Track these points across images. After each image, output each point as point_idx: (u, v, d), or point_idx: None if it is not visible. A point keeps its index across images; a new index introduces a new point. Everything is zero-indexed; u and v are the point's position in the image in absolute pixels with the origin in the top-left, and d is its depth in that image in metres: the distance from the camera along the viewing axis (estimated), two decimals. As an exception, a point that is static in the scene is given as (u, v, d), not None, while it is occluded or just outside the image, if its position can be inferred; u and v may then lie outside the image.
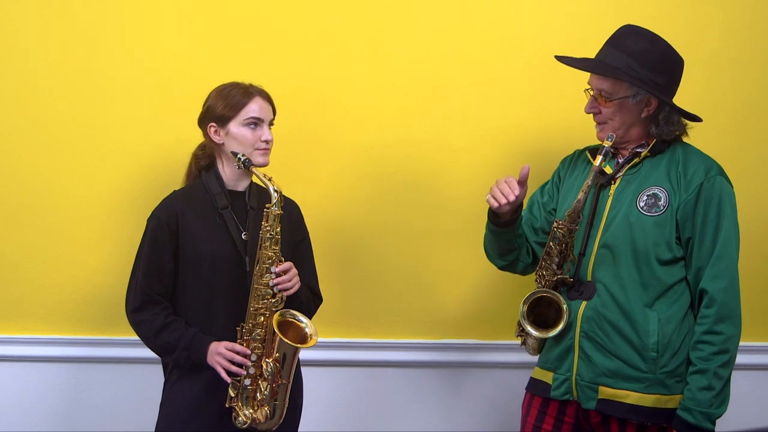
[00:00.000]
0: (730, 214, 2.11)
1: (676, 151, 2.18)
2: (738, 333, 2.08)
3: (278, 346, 2.20)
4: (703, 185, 2.10)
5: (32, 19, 2.69)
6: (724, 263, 2.08)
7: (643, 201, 2.13)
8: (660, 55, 2.14)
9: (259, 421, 2.20)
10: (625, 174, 2.19)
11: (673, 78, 2.18)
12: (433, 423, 2.84)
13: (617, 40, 2.18)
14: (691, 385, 2.05)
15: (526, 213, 2.39)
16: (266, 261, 2.20)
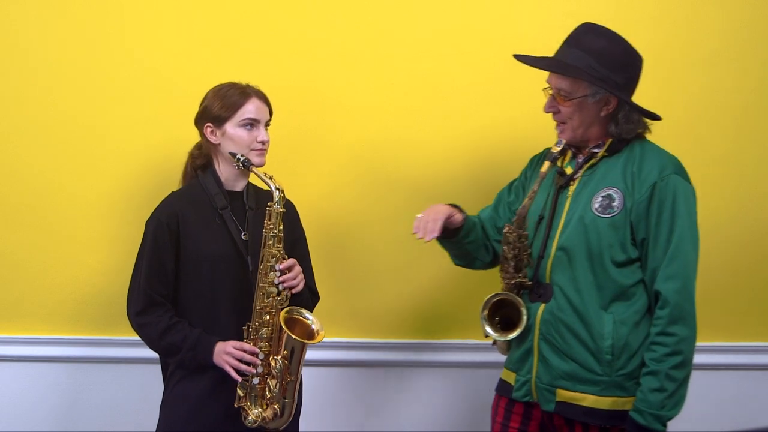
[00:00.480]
0: (686, 213, 2.05)
1: (634, 150, 2.14)
2: (693, 335, 2.03)
3: (286, 343, 2.20)
4: (656, 185, 2.05)
5: (32, 19, 2.70)
6: (677, 264, 2.03)
7: (597, 202, 2.10)
8: (620, 53, 2.11)
9: (269, 419, 2.20)
10: (583, 175, 2.16)
11: (633, 76, 2.15)
12: (433, 423, 2.84)
13: (576, 39, 2.15)
14: (643, 386, 2.03)
15: (491, 211, 2.39)
16: (270, 259, 2.20)
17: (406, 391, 2.84)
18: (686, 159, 2.75)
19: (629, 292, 2.09)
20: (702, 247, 2.76)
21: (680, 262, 2.03)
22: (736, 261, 2.81)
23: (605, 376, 2.07)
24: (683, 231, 2.04)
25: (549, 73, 2.17)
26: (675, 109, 2.76)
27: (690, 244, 2.05)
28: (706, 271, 2.77)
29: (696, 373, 2.81)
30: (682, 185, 2.07)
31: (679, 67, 2.76)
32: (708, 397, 2.83)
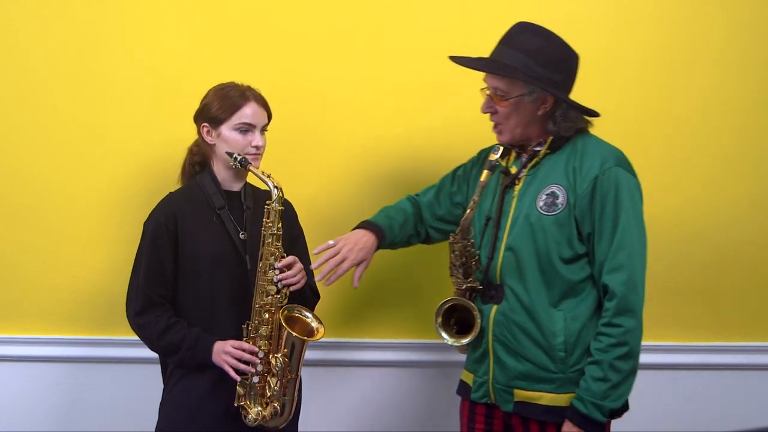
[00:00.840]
0: (630, 205, 2.04)
1: (576, 145, 2.13)
2: (639, 326, 2.03)
3: (286, 341, 2.20)
4: (598, 178, 2.05)
5: (32, 19, 2.70)
6: (622, 255, 2.02)
7: (542, 201, 2.10)
8: (556, 52, 2.11)
9: (269, 418, 2.21)
10: (527, 174, 2.16)
11: (570, 74, 2.14)
12: (433, 423, 2.84)
13: (511, 39, 2.14)
14: (587, 375, 2.03)
15: (432, 197, 2.40)
16: (269, 257, 2.21)
17: (405, 391, 2.84)
18: (687, 159, 2.78)
19: (579, 287, 2.09)
20: (703, 247, 2.80)
21: (625, 254, 2.02)
22: (737, 261, 2.81)
23: (560, 373, 2.07)
24: (627, 223, 2.03)
25: (485, 73, 2.17)
26: (676, 109, 2.77)
27: (635, 235, 2.05)
28: (706, 270, 2.81)
29: (696, 373, 2.84)
30: (624, 177, 2.06)
31: (680, 67, 2.76)
32: (708, 397, 2.83)
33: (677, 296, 2.81)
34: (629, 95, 2.76)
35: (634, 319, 2.02)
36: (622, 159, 2.11)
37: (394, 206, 2.41)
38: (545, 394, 2.09)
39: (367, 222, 2.32)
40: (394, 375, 2.84)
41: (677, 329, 2.82)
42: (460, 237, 2.16)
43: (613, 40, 2.75)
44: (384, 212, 2.38)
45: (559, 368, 2.07)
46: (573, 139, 2.14)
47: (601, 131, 2.72)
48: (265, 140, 2.28)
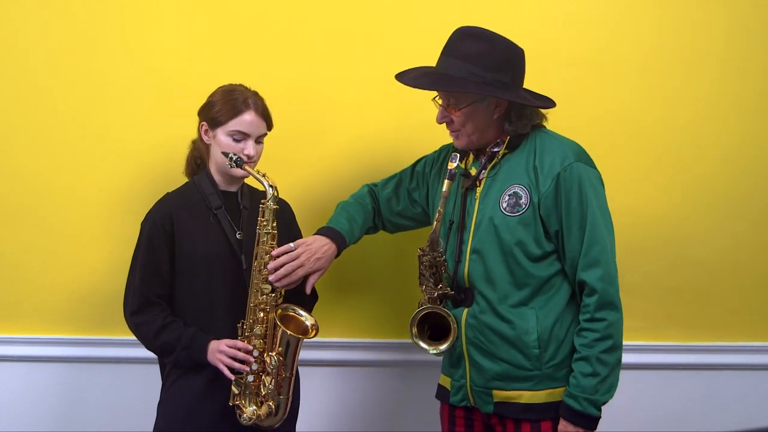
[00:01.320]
0: (594, 198, 2.05)
1: (534, 142, 2.13)
2: (620, 318, 2.05)
3: (280, 340, 2.20)
4: (560, 175, 2.04)
5: (32, 19, 2.70)
6: (595, 251, 2.03)
7: (505, 201, 2.09)
8: (499, 53, 2.09)
9: (263, 417, 2.20)
10: (488, 175, 2.15)
11: (518, 71, 2.13)
12: (433, 423, 2.84)
13: (454, 47, 2.12)
14: (576, 372, 2.04)
15: (391, 192, 2.41)
16: (264, 256, 2.21)
17: (405, 391, 2.84)
18: (691, 160, 2.78)
19: (549, 283, 2.10)
20: (703, 247, 2.79)
21: (598, 248, 2.03)
22: (737, 260, 2.81)
23: (536, 370, 2.08)
24: (595, 217, 2.04)
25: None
26: (676, 109, 2.77)
27: (604, 228, 2.06)
28: (707, 270, 2.81)
29: (696, 373, 2.84)
30: (585, 171, 2.06)
31: (681, 68, 2.75)
32: (708, 397, 2.83)
33: (677, 296, 2.81)
34: (630, 96, 2.75)
35: (615, 311, 2.04)
36: (581, 153, 2.11)
37: (354, 203, 2.40)
38: (523, 392, 2.09)
39: (330, 229, 2.30)
40: (392, 375, 2.84)
41: (677, 329, 2.82)
42: (429, 250, 2.16)
43: (614, 40, 2.74)
44: (345, 213, 2.36)
45: (534, 365, 2.08)
46: (530, 136, 2.14)
47: (602, 132, 2.74)
48: (260, 150, 2.27)
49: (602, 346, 2.03)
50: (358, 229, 2.35)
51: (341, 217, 2.36)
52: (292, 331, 2.21)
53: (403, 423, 2.84)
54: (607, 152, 2.72)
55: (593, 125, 2.73)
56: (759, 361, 2.83)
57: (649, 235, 2.72)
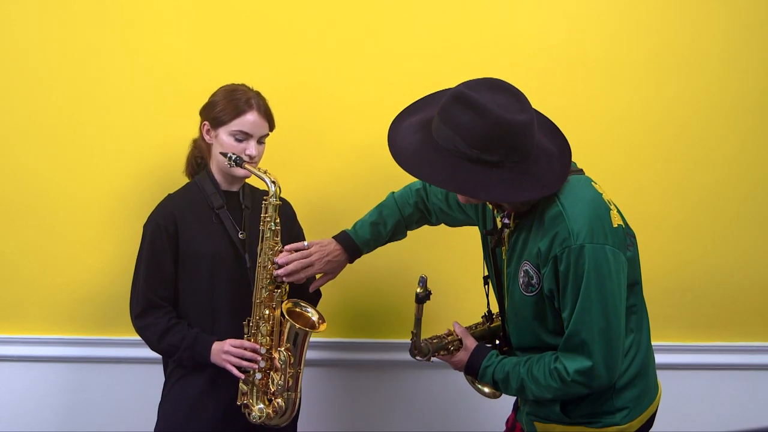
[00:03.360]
0: (594, 280, 1.84)
1: (542, 215, 1.91)
2: (574, 392, 1.92)
3: (288, 334, 2.20)
4: (557, 258, 1.86)
5: (32, 20, 2.69)
6: (577, 340, 1.87)
7: (521, 279, 1.97)
8: (487, 128, 1.80)
9: (272, 415, 2.21)
10: (509, 241, 2.01)
11: (514, 147, 1.83)
12: (433, 423, 2.84)
13: (445, 112, 1.86)
14: (509, 366, 2.00)
15: (442, 198, 2.28)
16: (268, 252, 2.21)
17: (405, 391, 2.84)
18: (691, 160, 2.78)
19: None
20: (703, 247, 2.79)
21: (579, 338, 1.87)
22: (737, 261, 2.81)
23: (565, 420, 2.01)
24: (587, 300, 1.85)
25: None
26: (678, 111, 2.77)
27: (597, 313, 1.85)
28: (707, 271, 2.80)
29: (696, 373, 2.84)
30: (590, 252, 1.84)
31: (683, 69, 2.75)
32: (708, 397, 2.83)
33: (677, 296, 2.81)
34: (630, 96, 2.75)
35: (575, 388, 1.91)
36: (588, 228, 1.85)
37: (393, 204, 2.33)
38: (557, 425, 2.03)
39: (347, 238, 2.27)
40: (393, 375, 2.84)
41: (677, 329, 2.82)
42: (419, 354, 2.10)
43: (614, 40, 2.74)
44: (377, 216, 2.30)
45: (561, 418, 2.00)
46: (538, 206, 1.93)
47: (602, 132, 2.73)
48: (262, 150, 2.28)
49: (538, 392, 1.96)
50: (385, 234, 2.29)
51: (368, 222, 2.30)
52: (299, 325, 2.21)
53: (403, 423, 2.84)
54: (607, 152, 2.73)
55: (593, 125, 2.73)
56: (759, 361, 2.83)
57: (649, 235, 2.71)
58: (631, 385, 1.99)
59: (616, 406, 1.98)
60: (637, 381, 2.00)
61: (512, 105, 1.84)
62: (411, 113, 2.03)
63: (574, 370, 1.88)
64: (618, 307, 1.88)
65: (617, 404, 1.98)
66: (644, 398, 2.02)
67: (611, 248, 1.86)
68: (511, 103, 1.84)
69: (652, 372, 2.07)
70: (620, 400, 1.98)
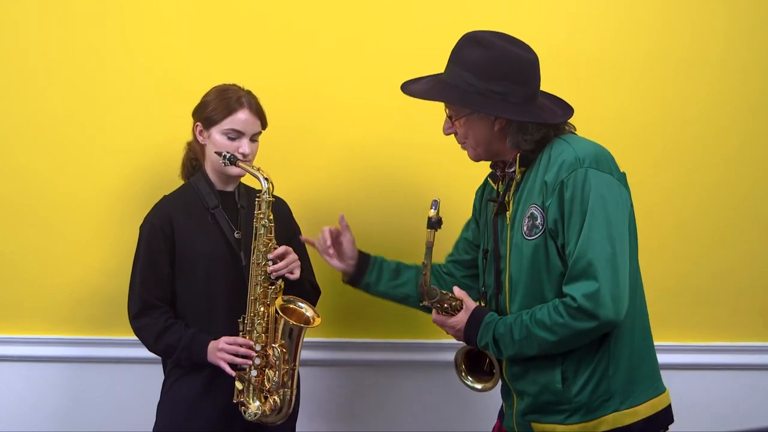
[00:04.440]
0: (599, 207, 1.83)
1: (548, 154, 1.93)
2: (588, 329, 1.84)
3: (282, 331, 2.20)
4: (563, 184, 1.86)
5: (32, 19, 2.70)
6: (582, 263, 1.83)
7: (525, 224, 1.94)
8: (495, 60, 1.91)
9: (268, 412, 2.21)
10: (514, 198, 2.00)
11: (517, 81, 1.92)
12: (433, 423, 2.84)
13: (456, 53, 1.98)
14: (513, 320, 1.94)
15: (454, 251, 2.32)
16: (261, 249, 2.21)
17: (404, 391, 2.84)
18: (691, 160, 2.77)
19: None
20: (703, 247, 2.79)
21: (585, 261, 1.83)
22: (737, 260, 2.81)
23: (565, 404, 1.96)
24: (593, 226, 1.83)
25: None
26: (678, 110, 2.77)
27: (604, 240, 1.83)
28: (707, 271, 2.80)
29: (696, 373, 2.84)
30: (595, 177, 1.86)
31: (683, 68, 2.75)
32: (708, 397, 2.83)
33: (677, 296, 2.81)
34: (629, 96, 2.75)
35: (587, 321, 1.84)
36: (593, 157, 1.89)
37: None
38: (557, 425, 1.99)
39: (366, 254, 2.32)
40: (393, 375, 2.84)
41: (677, 329, 2.82)
42: (427, 298, 2.02)
43: (614, 40, 2.74)
44: (398, 267, 2.33)
45: (561, 399, 1.96)
46: (545, 148, 1.96)
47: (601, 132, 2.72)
48: (255, 148, 2.28)
49: (543, 336, 1.88)
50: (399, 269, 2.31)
51: (393, 263, 2.32)
52: (294, 321, 2.21)
53: (403, 423, 2.84)
54: (607, 152, 2.73)
55: (593, 125, 2.72)
56: (759, 361, 2.83)
57: (649, 235, 2.71)
58: (629, 362, 1.95)
59: (613, 388, 1.94)
60: (636, 359, 1.96)
61: (519, 45, 1.97)
62: (422, 78, 2.11)
63: (581, 294, 1.82)
64: (623, 236, 1.87)
65: (613, 385, 1.94)
66: (645, 383, 1.98)
67: (617, 182, 1.90)
68: (517, 43, 1.97)
69: (653, 360, 2.04)
70: (617, 379, 1.93)
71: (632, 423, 1.96)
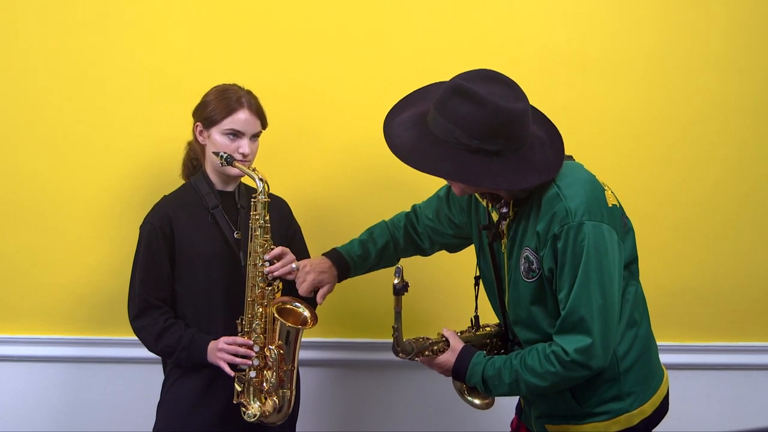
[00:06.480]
0: (593, 259, 1.83)
1: (539, 199, 1.91)
2: (576, 376, 1.88)
3: (279, 332, 2.20)
4: (555, 238, 1.86)
5: (32, 19, 2.70)
6: (575, 317, 1.85)
7: (522, 266, 1.95)
8: (486, 118, 1.82)
9: (268, 413, 2.20)
10: (508, 232, 1.99)
11: (513, 137, 1.86)
12: (433, 423, 2.84)
13: (443, 105, 1.87)
14: (501, 363, 1.96)
15: (432, 221, 2.27)
16: (258, 249, 2.21)
17: (404, 391, 2.84)
18: (691, 161, 2.78)
19: None
20: (703, 247, 2.79)
21: (578, 316, 1.85)
22: (737, 261, 2.81)
23: (577, 408, 1.99)
24: (587, 278, 1.84)
25: None
26: (678, 111, 2.77)
27: (596, 292, 1.85)
28: (707, 271, 2.80)
29: (696, 373, 2.84)
30: (589, 230, 1.84)
31: (683, 69, 2.75)
32: (708, 397, 2.83)
33: (677, 296, 2.81)
34: (629, 96, 2.75)
35: (577, 371, 1.87)
36: (585, 207, 1.86)
37: (383, 226, 2.34)
38: (570, 426, 2.01)
39: (336, 251, 2.29)
40: (392, 375, 2.84)
41: (677, 329, 2.82)
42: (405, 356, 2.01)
43: (614, 41, 2.74)
44: (367, 235, 2.32)
45: (572, 406, 1.99)
46: (536, 190, 1.92)
47: (601, 132, 2.73)
48: (255, 148, 2.28)
49: (533, 381, 1.92)
50: (374, 253, 2.29)
51: (357, 240, 2.31)
52: (290, 323, 2.21)
53: (403, 423, 2.84)
54: (607, 152, 2.73)
55: (592, 125, 2.73)
56: (759, 361, 2.83)
57: (649, 235, 2.71)
58: (636, 367, 1.99)
59: (624, 391, 1.97)
60: (642, 362, 2.00)
61: (508, 94, 1.86)
62: (402, 109, 2.03)
63: (574, 349, 1.85)
64: (614, 285, 1.88)
65: (625, 389, 1.97)
66: (650, 381, 2.02)
67: (608, 227, 1.88)
68: (506, 92, 1.87)
69: (655, 355, 2.07)
70: (627, 384, 1.97)
71: (639, 422, 2.00)
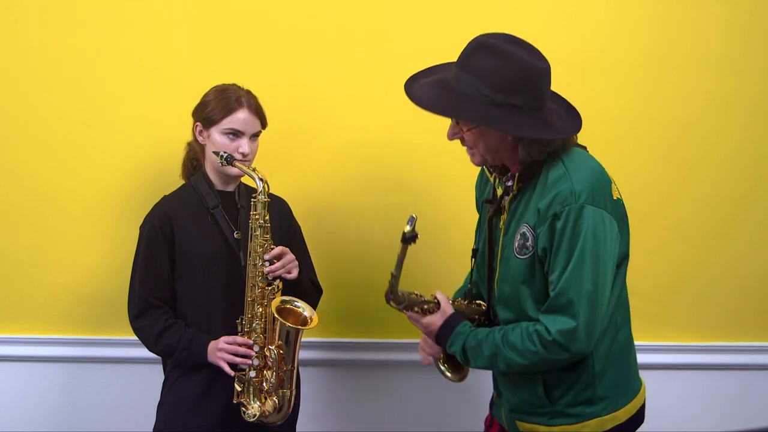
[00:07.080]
0: (590, 243, 1.82)
1: (545, 176, 1.90)
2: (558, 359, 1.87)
3: (279, 332, 2.20)
4: (555, 217, 1.84)
5: (32, 19, 2.70)
6: (564, 298, 1.83)
7: (516, 241, 1.93)
8: (513, 72, 1.84)
9: (268, 413, 2.20)
10: (509, 207, 1.98)
11: (534, 93, 1.87)
12: (433, 423, 2.84)
13: (467, 60, 1.89)
14: (486, 336, 1.93)
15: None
16: (257, 249, 2.21)
17: (403, 391, 2.84)
18: (691, 160, 2.78)
19: None
20: (703, 247, 2.79)
21: (566, 297, 1.83)
22: (737, 261, 2.81)
23: (547, 407, 1.97)
24: (581, 262, 1.83)
25: None
26: (678, 111, 2.77)
27: (588, 277, 1.83)
28: (707, 271, 2.80)
29: (696, 373, 2.84)
30: (589, 214, 1.84)
31: (683, 69, 2.74)
32: (708, 397, 2.83)
33: (677, 296, 2.81)
34: (629, 96, 2.75)
35: (559, 353, 1.85)
36: (589, 191, 1.86)
37: None
38: (540, 426, 2.00)
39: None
40: (392, 375, 2.84)
41: (677, 329, 2.82)
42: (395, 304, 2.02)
43: (614, 40, 2.74)
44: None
45: (543, 403, 1.98)
46: (543, 167, 1.92)
47: (601, 132, 2.73)
48: (255, 148, 2.28)
49: (513, 358, 1.89)
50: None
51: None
52: (290, 322, 2.21)
53: (403, 423, 2.84)
54: (607, 153, 2.70)
55: (592, 125, 2.72)
56: (759, 361, 2.83)
57: (649, 235, 2.72)
58: (612, 371, 1.97)
59: (598, 395, 1.96)
60: (618, 367, 1.98)
61: (532, 53, 1.89)
62: (421, 77, 2.02)
63: (557, 330, 1.83)
64: (607, 275, 1.87)
65: (599, 392, 1.96)
66: (626, 388, 2.01)
67: (609, 216, 1.87)
68: (530, 51, 1.89)
69: (633, 362, 2.06)
70: (601, 388, 1.96)
71: (612, 428, 1.98)
